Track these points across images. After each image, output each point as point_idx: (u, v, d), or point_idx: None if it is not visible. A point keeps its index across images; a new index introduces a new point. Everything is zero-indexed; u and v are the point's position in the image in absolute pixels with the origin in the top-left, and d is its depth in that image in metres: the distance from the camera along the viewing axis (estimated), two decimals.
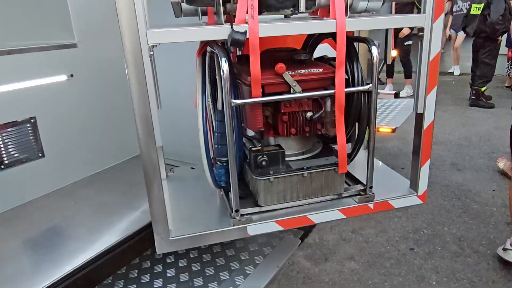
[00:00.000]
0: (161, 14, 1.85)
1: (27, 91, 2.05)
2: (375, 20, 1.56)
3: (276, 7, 1.53)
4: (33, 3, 2.36)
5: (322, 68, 1.62)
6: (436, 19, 1.58)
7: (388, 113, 4.22)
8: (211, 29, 1.40)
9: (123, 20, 1.31)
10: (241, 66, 1.73)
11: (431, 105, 1.69)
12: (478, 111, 6.03)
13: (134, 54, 1.34)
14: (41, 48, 2.11)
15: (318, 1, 1.54)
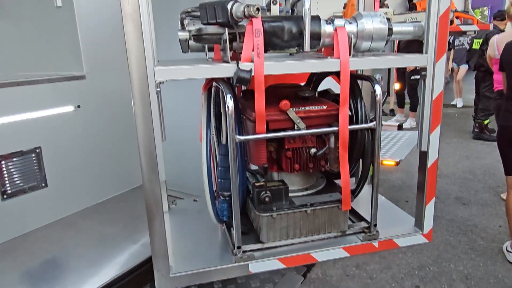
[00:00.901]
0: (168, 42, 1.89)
1: (34, 121, 2.07)
2: (378, 60, 1.58)
3: (281, 46, 1.57)
4: (45, 35, 2.44)
5: (326, 105, 1.64)
6: (438, 59, 1.61)
7: (391, 146, 4.21)
8: (217, 67, 1.43)
9: (132, 57, 1.35)
10: (246, 101, 1.75)
11: (435, 143, 1.69)
12: (482, 144, 6.02)
13: (142, 90, 1.37)
14: (50, 80, 2.15)
15: (323, 40, 1.57)
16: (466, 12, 3.48)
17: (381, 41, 1.59)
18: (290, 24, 1.53)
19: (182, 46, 1.73)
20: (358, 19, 1.59)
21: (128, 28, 1.32)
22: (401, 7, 3.63)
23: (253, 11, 1.33)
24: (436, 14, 1.57)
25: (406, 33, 1.66)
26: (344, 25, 1.56)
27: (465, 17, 3.41)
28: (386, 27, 1.58)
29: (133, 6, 1.30)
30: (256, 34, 1.42)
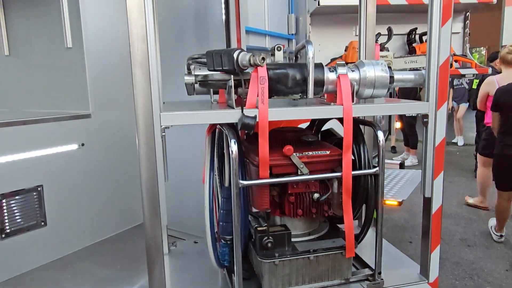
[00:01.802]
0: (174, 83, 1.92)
1: (38, 159, 2.09)
2: (381, 107, 1.61)
3: (285, 93, 1.60)
4: (54, 73, 2.50)
5: (329, 150, 1.65)
6: (440, 106, 1.64)
7: (394, 185, 4.19)
8: (222, 113, 1.45)
9: (139, 102, 1.37)
10: (249, 144, 1.76)
11: (438, 190, 1.68)
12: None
13: (147, 134, 1.38)
14: (56, 119, 2.18)
15: (326, 87, 1.61)
16: (465, 56, 3.57)
17: (383, 88, 1.63)
18: (294, 71, 1.57)
19: (188, 90, 1.76)
20: (360, 67, 1.63)
21: (137, 74, 1.36)
22: (401, 50, 3.73)
23: (258, 61, 1.37)
24: (436, 63, 1.61)
25: (407, 81, 1.69)
26: (346, 73, 1.60)
27: (463, 60, 3.50)
28: (388, 75, 1.62)
29: (142, 53, 1.34)
30: (261, 81, 1.45)
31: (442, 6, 1.57)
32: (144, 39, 1.33)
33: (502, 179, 3.37)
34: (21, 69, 2.69)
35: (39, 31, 2.52)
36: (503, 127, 3.22)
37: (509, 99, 3.11)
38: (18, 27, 2.65)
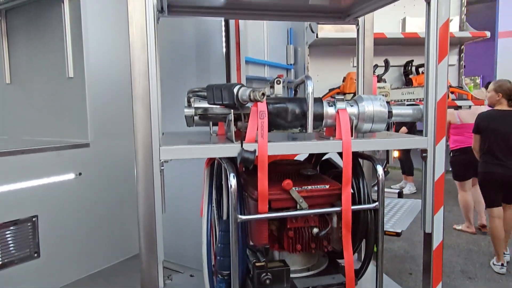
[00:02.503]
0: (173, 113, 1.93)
1: (34, 189, 2.07)
2: (380, 142, 1.62)
3: (285, 127, 1.61)
4: (55, 102, 2.51)
5: (329, 184, 1.64)
6: (438, 141, 1.65)
7: (393, 214, 4.15)
8: (222, 147, 1.45)
9: (138, 136, 1.37)
10: (248, 176, 1.75)
11: (439, 225, 1.67)
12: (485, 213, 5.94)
13: (145, 169, 1.38)
14: (55, 148, 2.18)
15: (325, 121, 1.62)
16: (461, 88, 3.62)
17: (382, 123, 1.64)
18: (294, 106, 1.59)
19: (188, 121, 1.77)
20: (359, 102, 1.65)
21: (138, 109, 1.36)
22: (398, 81, 3.79)
23: (258, 96, 1.38)
24: (434, 99, 1.63)
25: (405, 115, 1.71)
26: (345, 108, 1.61)
27: (460, 92, 3.55)
28: (386, 110, 1.63)
29: (144, 89, 1.36)
30: (261, 115, 1.46)
31: (438, 43, 1.61)
32: (146, 75, 1.35)
33: (489, 195, 3.72)
34: (22, 97, 2.71)
35: (41, 60, 2.55)
36: (483, 148, 3.67)
37: (488, 124, 3.62)
38: (21, 56, 2.68)
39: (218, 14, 2.21)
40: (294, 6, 2.14)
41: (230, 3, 2.03)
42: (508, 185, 3.58)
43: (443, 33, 1.62)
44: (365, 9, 2.05)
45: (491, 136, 3.58)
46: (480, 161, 3.75)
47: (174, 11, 2.04)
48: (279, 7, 2.14)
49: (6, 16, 2.71)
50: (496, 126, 3.55)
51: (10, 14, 2.70)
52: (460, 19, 3.71)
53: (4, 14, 2.71)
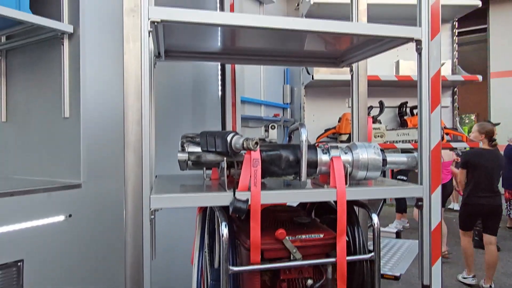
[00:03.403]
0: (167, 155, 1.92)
1: (21, 232, 2.01)
2: (375, 190, 1.60)
3: (278, 174, 1.59)
4: (48, 142, 2.50)
5: (323, 233, 1.60)
6: (433, 190, 1.63)
7: (391, 256, 4.07)
8: (214, 196, 1.43)
9: (129, 184, 1.35)
10: (241, 223, 1.71)
11: (437, 276, 1.62)
12: (483, 253, 5.81)
13: (135, 218, 1.34)
14: (45, 189, 2.14)
15: (319, 169, 1.61)
16: (455, 129, 3.66)
17: (377, 171, 1.63)
18: (288, 153, 1.58)
19: (181, 166, 1.75)
20: (353, 149, 1.65)
21: (129, 156, 1.35)
22: (393, 122, 3.82)
23: (251, 145, 1.37)
24: (428, 147, 1.63)
25: (400, 163, 1.70)
26: (340, 155, 1.61)
27: (454, 133, 3.58)
28: (381, 158, 1.62)
29: (136, 136, 1.35)
30: (254, 163, 1.45)
31: (430, 93, 1.63)
32: (139, 122, 1.34)
33: (469, 221, 4.35)
34: (16, 136, 2.70)
35: (38, 100, 2.56)
36: (470, 182, 4.12)
37: (478, 161, 4.04)
38: (18, 95, 2.69)
39: (215, 59, 2.25)
40: (290, 51, 2.19)
41: (227, 49, 2.08)
42: (490, 214, 4.20)
43: (435, 83, 1.65)
44: (358, 56, 2.09)
45: (479, 171, 4.03)
46: (466, 193, 4.20)
47: (171, 56, 2.07)
48: (275, 52, 2.18)
49: (7, 56, 2.75)
50: (484, 163, 4.02)
51: (11, 54, 2.74)
52: (452, 63, 3.80)
53: (4, 54, 2.75)
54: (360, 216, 1.86)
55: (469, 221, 4.40)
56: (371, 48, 1.92)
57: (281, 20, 1.51)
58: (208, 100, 2.67)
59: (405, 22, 3.61)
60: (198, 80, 2.65)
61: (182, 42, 1.96)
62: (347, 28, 1.59)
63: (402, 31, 1.64)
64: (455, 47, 3.85)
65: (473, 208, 4.23)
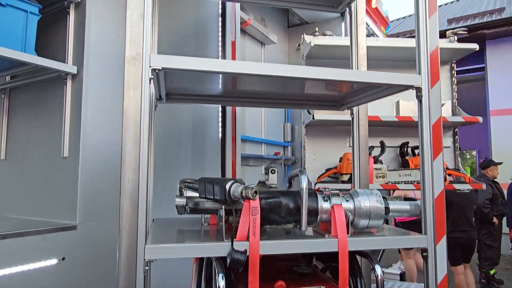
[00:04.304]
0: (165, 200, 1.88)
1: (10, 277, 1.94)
2: (378, 240, 1.55)
3: (278, 222, 1.55)
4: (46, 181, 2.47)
5: (325, 284, 1.53)
6: (439, 240, 1.58)
7: None
8: (211, 247, 1.38)
9: (123, 233, 1.31)
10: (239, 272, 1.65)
11: None
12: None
13: (128, 269, 1.29)
14: (39, 232, 2.09)
15: (320, 216, 1.56)
16: (457, 170, 3.62)
17: (379, 219, 1.58)
18: (288, 200, 1.54)
19: (179, 210, 1.71)
20: (354, 197, 1.61)
21: (125, 204, 1.32)
22: (394, 162, 3.79)
23: (250, 194, 1.34)
24: (431, 196, 1.60)
25: (403, 211, 1.66)
26: (341, 203, 1.57)
27: (457, 174, 3.54)
28: (383, 206, 1.59)
29: (133, 184, 1.32)
30: (253, 212, 1.41)
31: (432, 141, 1.61)
32: (136, 170, 1.32)
33: (455, 256, 4.59)
34: (15, 174, 2.67)
35: (38, 138, 2.56)
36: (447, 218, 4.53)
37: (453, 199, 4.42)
38: (19, 133, 2.70)
39: (216, 102, 2.27)
40: (291, 94, 2.20)
41: (228, 92, 2.09)
42: (468, 247, 4.75)
43: (436, 130, 1.64)
44: (359, 100, 2.10)
45: (456, 209, 4.55)
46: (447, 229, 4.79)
47: (172, 98, 2.09)
48: (276, 95, 2.19)
49: (10, 94, 2.78)
50: (459, 201, 4.53)
51: (14, 92, 2.77)
52: (452, 103, 3.83)
53: (8, 92, 2.78)
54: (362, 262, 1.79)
55: (456, 255, 4.65)
56: (371, 93, 1.93)
57: (281, 68, 1.52)
58: (208, 141, 2.66)
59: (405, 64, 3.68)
60: (199, 121, 2.66)
61: (183, 85, 1.98)
62: (347, 76, 1.60)
63: (402, 79, 1.65)
64: (454, 88, 3.88)
65: (457, 242, 4.59)
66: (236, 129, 2.70)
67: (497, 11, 10.19)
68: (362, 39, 2.26)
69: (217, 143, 2.62)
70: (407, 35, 10.99)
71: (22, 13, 2.18)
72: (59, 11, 2.45)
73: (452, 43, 3.76)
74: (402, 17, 15.60)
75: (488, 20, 9.49)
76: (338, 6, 2.35)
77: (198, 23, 2.98)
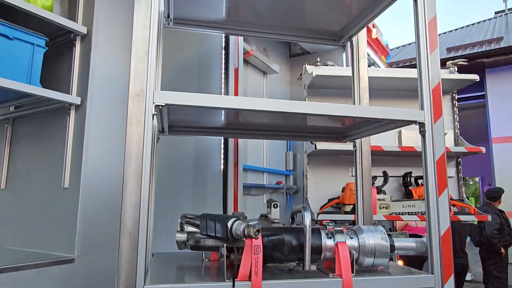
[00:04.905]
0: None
1: None
2: (384, 280, 1.50)
3: (281, 260, 1.52)
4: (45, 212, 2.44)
5: None
6: (446, 280, 1.53)
7: None
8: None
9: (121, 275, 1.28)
10: None
11: None
12: None
13: None
14: (36, 265, 2.04)
15: (323, 254, 1.53)
16: (462, 201, 3.58)
17: (384, 257, 1.55)
18: (291, 238, 1.51)
19: (179, 246, 1.68)
20: (359, 234, 1.58)
21: (124, 243, 1.29)
22: (397, 192, 3.76)
23: (253, 233, 1.31)
24: (438, 233, 1.56)
25: (408, 249, 1.62)
26: (345, 240, 1.54)
27: (461, 205, 3.49)
28: (388, 244, 1.55)
29: (133, 222, 1.30)
30: (255, 250, 1.38)
31: (437, 177, 1.60)
32: (137, 207, 1.30)
33: None
34: (14, 205, 2.65)
35: (39, 169, 2.55)
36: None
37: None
38: (20, 163, 2.69)
39: (219, 134, 2.27)
40: (293, 127, 2.21)
41: (230, 124, 2.09)
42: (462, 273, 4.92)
43: (441, 165, 1.62)
44: (361, 133, 2.10)
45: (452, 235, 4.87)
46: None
47: (175, 131, 2.09)
48: (278, 127, 2.19)
49: (13, 123, 2.79)
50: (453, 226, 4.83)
51: (17, 121, 2.78)
52: (454, 133, 3.83)
53: (11, 122, 2.79)
54: None
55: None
56: (374, 127, 1.93)
57: (284, 103, 1.52)
58: (209, 171, 2.65)
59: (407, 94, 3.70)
60: (200, 152, 2.65)
61: (186, 117, 1.98)
62: (350, 112, 1.60)
63: (404, 114, 1.65)
64: (456, 117, 3.89)
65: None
66: (238, 159, 2.69)
67: (495, 40, 10.38)
68: (364, 73, 2.28)
69: (219, 174, 2.60)
70: (407, 63, 11.16)
71: (29, 46, 2.22)
72: (65, 43, 2.50)
73: (452, 73, 3.81)
74: (401, 45, 15.90)
75: (487, 49, 9.65)
76: (339, 40, 2.38)
77: (202, 55, 3.02)
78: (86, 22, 2.45)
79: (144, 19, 1.37)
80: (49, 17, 2.24)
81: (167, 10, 2.07)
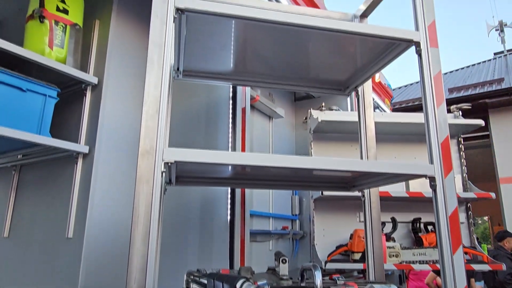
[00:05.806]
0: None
1: None
2: None
3: None
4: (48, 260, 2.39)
5: None
6: None
7: None
8: None
9: None
10: None
11: None
12: None
13: None
14: None
15: None
16: (474, 248, 3.47)
17: None
18: None
19: None
20: None
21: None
22: (407, 239, 3.66)
23: None
24: None
25: None
26: None
27: (473, 253, 3.38)
28: None
29: (139, 284, 1.26)
30: None
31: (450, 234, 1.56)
32: (143, 270, 1.27)
33: None
34: (17, 253, 2.60)
35: (43, 218, 2.52)
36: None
37: None
38: (24, 211, 2.67)
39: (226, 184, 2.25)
40: (300, 176, 2.19)
41: (237, 174, 2.08)
42: None
43: (454, 221, 1.58)
44: (369, 184, 2.08)
45: None
46: None
47: (182, 181, 2.08)
48: (285, 177, 2.18)
49: (20, 171, 2.80)
50: None
51: (24, 169, 2.79)
52: (462, 178, 3.78)
53: (18, 169, 2.80)
54: None
55: None
56: (382, 179, 1.91)
57: (290, 159, 1.52)
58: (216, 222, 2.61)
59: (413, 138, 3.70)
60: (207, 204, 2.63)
61: (194, 169, 1.98)
62: (359, 166, 1.59)
63: (414, 169, 1.64)
64: (463, 162, 3.86)
65: None
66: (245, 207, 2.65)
67: (496, 81, 10.53)
68: (370, 122, 2.29)
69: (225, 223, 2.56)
70: (410, 104, 11.28)
71: (41, 97, 2.26)
72: (76, 92, 2.55)
73: (457, 118, 3.82)
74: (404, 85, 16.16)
75: (489, 89, 9.77)
76: (345, 90, 2.42)
77: (209, 105, 3.07)
78: (97, 72, 2.52)
79: (156, 80, 1.40)
80: (62, 69, 2.31)
81: (177, 64, 2.12)
